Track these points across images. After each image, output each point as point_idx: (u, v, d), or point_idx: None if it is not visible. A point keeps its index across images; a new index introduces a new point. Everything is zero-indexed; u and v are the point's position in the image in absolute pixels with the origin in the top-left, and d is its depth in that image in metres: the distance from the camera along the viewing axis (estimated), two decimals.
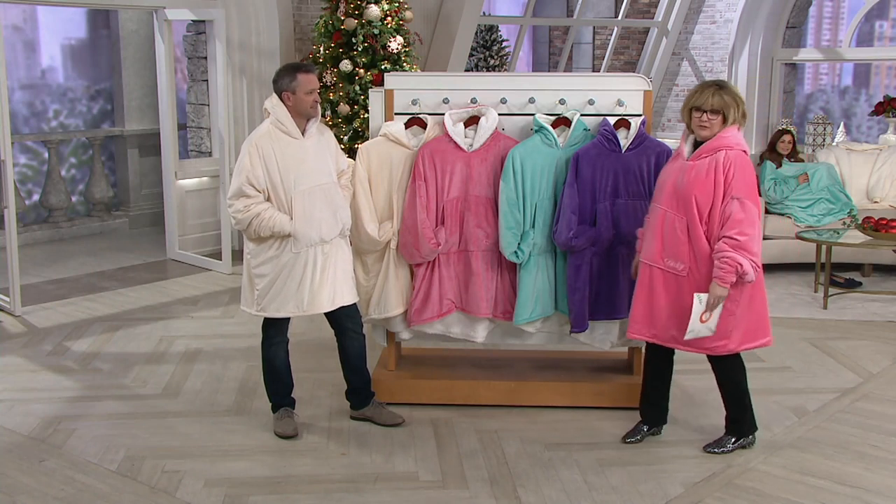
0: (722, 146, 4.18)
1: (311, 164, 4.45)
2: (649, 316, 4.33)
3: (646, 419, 4.65)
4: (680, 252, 4.22)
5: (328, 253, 4.50)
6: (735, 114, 4.22)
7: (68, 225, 9.62)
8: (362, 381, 4.79)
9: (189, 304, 7.13)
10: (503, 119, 4.94)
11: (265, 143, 4.40)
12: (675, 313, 4.27)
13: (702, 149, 4.22)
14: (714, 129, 4.20)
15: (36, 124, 10.08)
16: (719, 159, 4.16)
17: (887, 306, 7.10)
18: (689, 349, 4.34)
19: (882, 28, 17.16)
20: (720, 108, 4.19)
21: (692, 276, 4.22)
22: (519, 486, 4.15)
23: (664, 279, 4.28)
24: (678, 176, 4.24)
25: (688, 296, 4.23)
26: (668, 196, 4.25)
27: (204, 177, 8.74)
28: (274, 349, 4.67)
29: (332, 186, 4.53)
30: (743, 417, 4.50)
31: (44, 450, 4.50)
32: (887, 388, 5.43)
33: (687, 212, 4.19)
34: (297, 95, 4.40)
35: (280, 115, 4.43)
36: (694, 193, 4.16)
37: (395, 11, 8.00)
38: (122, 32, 9.92)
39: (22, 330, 6.46)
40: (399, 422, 4.74)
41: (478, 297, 4.90)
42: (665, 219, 4.24)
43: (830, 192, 8.03)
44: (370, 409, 4.80)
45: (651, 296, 4.32)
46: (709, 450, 4.47)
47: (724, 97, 4.20)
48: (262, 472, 4.28)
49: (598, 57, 12.95)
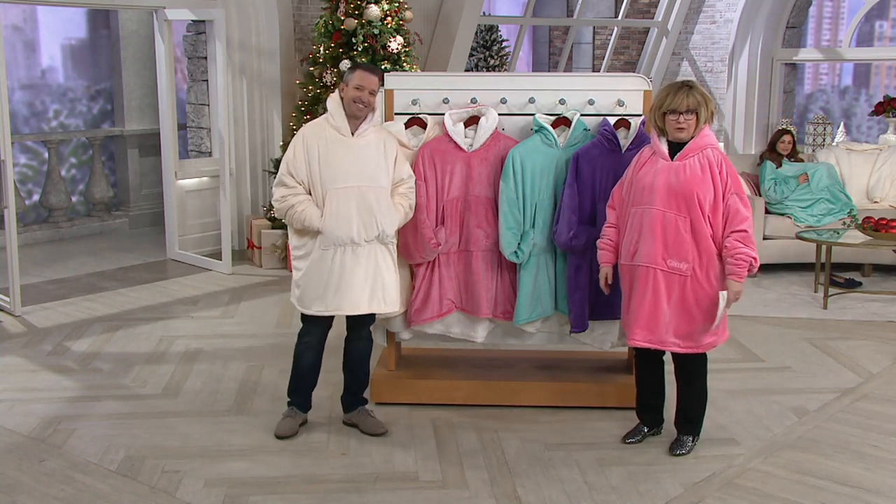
0: (707, 144, 4.24)
1: (353, 164, 4.39)
2: (650, 320, 4.30)
3: (645, 422, 4.65)
4: (684, 252, 4.21)
5: (359, 256, 4.43)
6: (706, 112, 4.24)
7: (68, 225, 9.63)
8: (356, 383, 4.77)
9: (189, 304, 7.13)
10: (503, 119, 4.94)
11: (312, 134, 4.40)
12: (677, 314, 4.27)
13: (687, 148, 4.23)
14: (691, 130, 4.23)
15: (36, 124, 10.09)
16: (710, 157, 4.21)
17: (887, 306, 7.11)
18: (682, 350, 4.34)
19: (882, 28, 17.17)
20: (695, 107, 4.21)
21: (695, 276, 4.23)
22: (519, 486, 4.15)
23: (666, 281, 4.27)
24: (669, 176, 4.23)
25: (690, 295, 4.24)
26: (664, 197, 4.23)
27: (204, 177, 8.74)
28: (301, 348, 4.65)
29: (374, 190, 4.41)
30: (701, 418, 4.54)
31: (44, 450, 4.50)
32: (887, 388, 5.43)
33: (690, 211, 4.19)
34: (348, 88, 4.38)
35: (333, 110, 4.42)
36: (696, 191, 4.17)
37: (395, 11, 8.00)
38: (122, 32, 9.92)
39: (22, 330, 6.46)
40: (381, 432, 4.67)
41: (478, 298, 4.90)
42: (665, 220, 4.23)
43: (830, 192, 8.03)
44: (356, 415, 4.75)
45: (655, 300, 4.29)
46: (675, 453, 4.46)
47: (697, 96, 4.22)
48: (262, 472, 4.28)
49: (598, 57, 12.96)
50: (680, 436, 4.52)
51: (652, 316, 4.30)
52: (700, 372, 4.46)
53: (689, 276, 4.23)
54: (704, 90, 4.30)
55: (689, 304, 4.25)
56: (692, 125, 4.22)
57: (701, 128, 4.25)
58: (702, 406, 4.51)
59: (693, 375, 4.46)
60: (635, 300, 4.33)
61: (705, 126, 4.27)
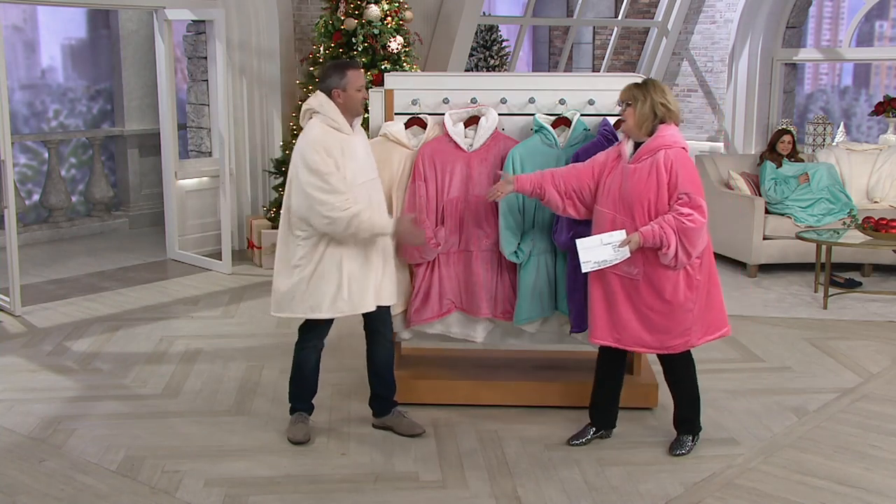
0: (661, 146, 4.18)
1: (361, 159, 4.39)
2: (611, 321, 4.33)
3: (595, 422, 4.62)
4: (633, 257, 4.21)
5: (377, 247, 4.44)
6: (643, 106, 4.19)
7: (68, 225, 9.63)
8: (386, 388, 4.74)
9: (189, 304, 7.13)
10: (503, 119, 4.94)
11: (324, 139, 4.27)
12: (635, 317, 4.28)
13: (641, 150, 4.22)
14: (628, 122, 4.23)
15: (36, 124, 10.09)
16: (659, 159, 4.16)
17: (887, 306, 7.11)
18: (653, 351, 4.35)
19: (882, 28, 17.16)
20: (626, 98, 4.23)
21: (647, 279, 4.23)
22: (519, 486, 4.15)
23: (621, 284, 4.29)
24: (623, 180, 4.24)
25: (646, 297, 4.24)
26: (615, 201, 4.26)
27: (204, 177, 8.74)
28: (306, 353, 4.59)
29: (376, 182, 4.49)
30: (697, 416, 4.53)
31: (44, 450, 4.50)
32: (887, 388, 5.43)
33: (635, 216, 4.19)
34: (348, 92, 4.33)
35: (331, 113, 4.32)
36: (638, 198, 4.17)
37: (395, 11, 8.00)
38: (122, 32, 9.92)
39: (22, 330, 6.46)
40: (420, 432, 4.66)
41: (478, 298, 4.90)
42: (614, 224, 4.25)
43: (830, 192, 8.03)
44: (391, 419, 4.73)
45: (611, 301, 4.31)
46: (675, 453, 4.46)
47: (633, 91, 4.22)
48: (262, 472, 4.28)
49: (598, 57, 12.96)
50: (679, 436, 4.52)
51: (612, 317, 4.32)
52: (684, 372, 4.46)
53: (641, 279, 4.23)
54: (656, 87, 4.23)
55: (646, 307, 4.25)
56: (629, 117, 4.22)
57: (663, 127, 4.20)
58: (694, 405, 4.51)
59: (678, 376, 4.47)
60: (596, 301, 4.37)
61: (668, 126, 4.21)
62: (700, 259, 4.23)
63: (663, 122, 4.21)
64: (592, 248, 4.22)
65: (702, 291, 4.27)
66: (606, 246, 4.19)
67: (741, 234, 8.02)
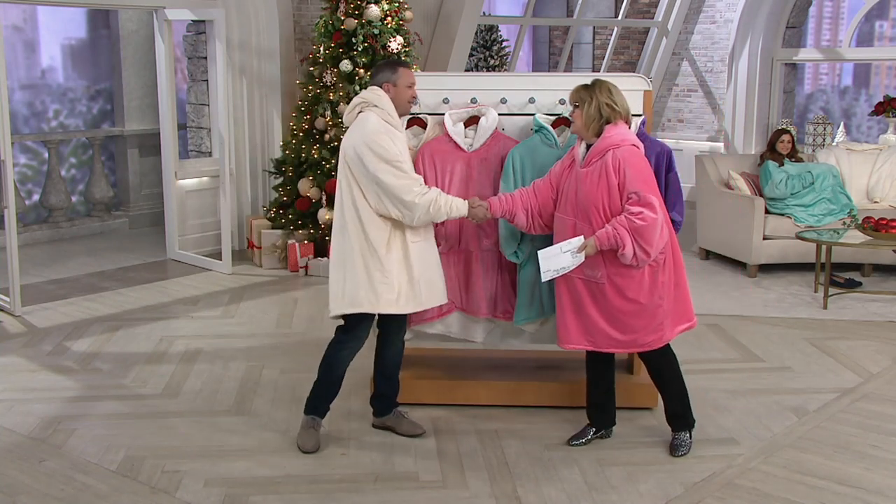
0: (608, 146, 4.17)
1: (407, 156, 4.39)
2: (582, 326, 4.33)
3: (593, 423, 4.63)
4: (594, 261, 4.21)
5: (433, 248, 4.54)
6: (590, 108, 4.18)
7: (68, 225, 9.63)
8: (392, 389, 4.74)
9: (189, 304, 7.13)
10: (503, 119, 4.94)
11: (386, 130, 4.26)
12: (603, 318, 4.27)
13: (591, 153, 4.21)
14: (576, 123, 4.25)
15: (36, 124, 10.09)
16: (608, 161, 4.15)
17: (887, 306, 7.11)
18: (629, 350, 4.36)
19: (882, 28, 17.15)
20: (574, 101, 4.24)
21: (611, 282, 4.23)
22: (519, 486, 4.15)
23: (587, 288, 4.29)
24: (578, 185, 4.25)
25: (613, 299, 4.23)
26: (573, 206, 4.27)
27: (204, 177, 8.74)
28: (344, 354, 4.51)
29: None
30: (687, 409, 4.52)
31: (44, 450, 4.50)
32: (887, 388, 5.43)
33: (591, 220, 4.19)
34: (399, 87, 4.34)
35: (386, 105, 4.31)
36: (593, 202, 4.18)
37: (395, 11, 8.00)
38: (122, 32, 9.92)
39: (22, 330, 6.46)
40: (420, 432, 4.66)
41: (478, 298, 4.90)
42: (575, 229, 4.25)
43: (832, 192, 8.03)
44: (391, 419, 4.73)
45: (579, 306, 4.31)
46: (676, 454, 4.46)
47: (581, 92, 4.22)
48: (262, 472, 4.28)
49: (598, 57, 12.96)
50: (675, 434, 4.52)
51: (582, 321, 4.32)
52: (666, 368, 4.45)
53: (606, 282, 4.23)
54: (604, 88, 4.21)
55: (614, 309, 4.25)
56: (577, 118, 4.23)
57: (610, 127, 4.19)
58: (682, 399, 4.49)
59: (661, 373, 4.47)
60: (565, 307, 4.36)
61: (617, 125, 4.20)
62: (664, 254, 4.23)
63: (609, 122, 4.20)
64: (552, 257, 4.24)
65: (669, 287, 4.27)
66: (566, 253, 4.21)
67: (741, 234, 8.02)
